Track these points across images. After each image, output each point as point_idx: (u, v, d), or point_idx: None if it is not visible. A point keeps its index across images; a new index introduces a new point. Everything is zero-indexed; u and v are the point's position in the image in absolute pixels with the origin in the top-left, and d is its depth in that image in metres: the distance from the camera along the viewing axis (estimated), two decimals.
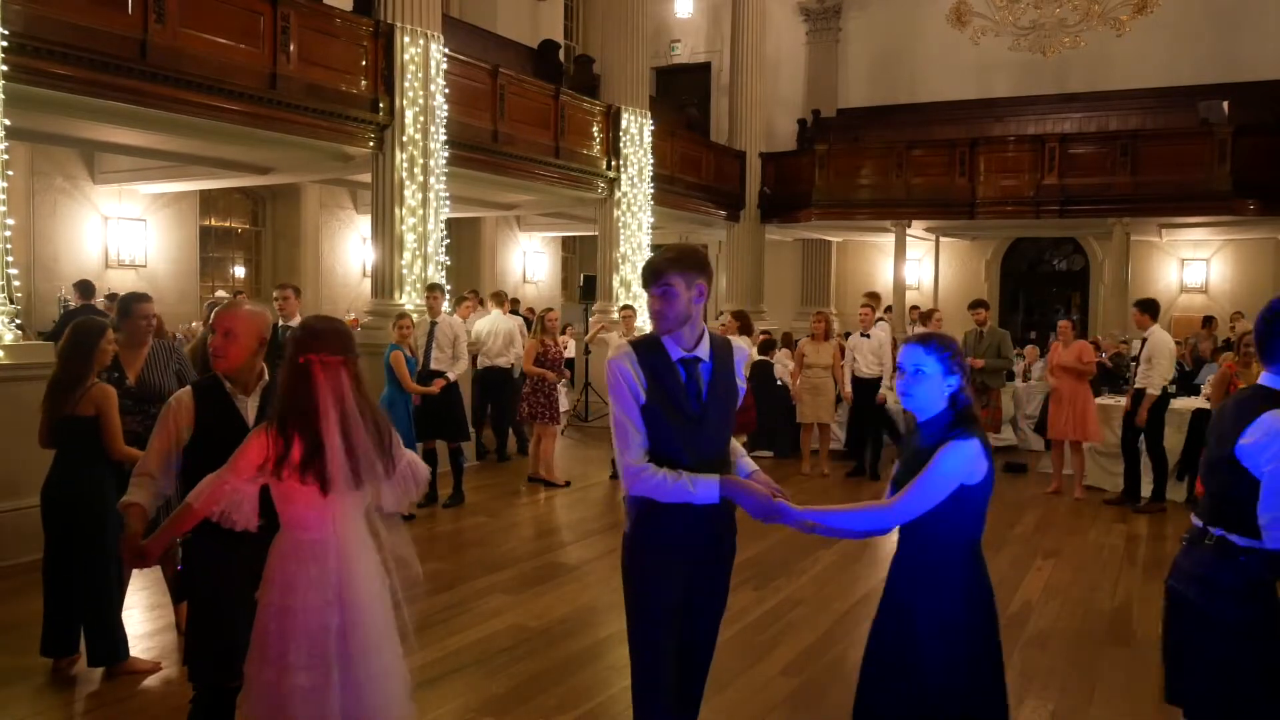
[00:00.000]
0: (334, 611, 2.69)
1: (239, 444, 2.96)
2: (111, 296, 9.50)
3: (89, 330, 4.36)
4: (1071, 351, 8.83)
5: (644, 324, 10.48)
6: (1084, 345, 9.10)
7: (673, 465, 2.69)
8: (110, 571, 4.42)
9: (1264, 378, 2.78)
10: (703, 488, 2.66)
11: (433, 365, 7.98)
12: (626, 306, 10.13)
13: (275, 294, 7.45)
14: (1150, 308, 8.30)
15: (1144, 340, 8.33)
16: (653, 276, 2.74)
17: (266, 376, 3.17)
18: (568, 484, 8.98)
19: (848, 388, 9.74)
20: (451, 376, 7.94)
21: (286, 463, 2.65)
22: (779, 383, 10.64)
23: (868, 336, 9.69)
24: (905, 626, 2.67)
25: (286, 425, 2.67)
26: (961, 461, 2.55)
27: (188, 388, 3.15)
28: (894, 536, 2.76)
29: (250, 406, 3.10)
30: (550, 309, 9.64)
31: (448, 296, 9.99)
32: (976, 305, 9.91)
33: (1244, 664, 2.66)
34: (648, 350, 2.74)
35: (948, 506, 2.58)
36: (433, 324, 8.15)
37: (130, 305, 4.79)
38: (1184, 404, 8.92)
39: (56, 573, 4.39)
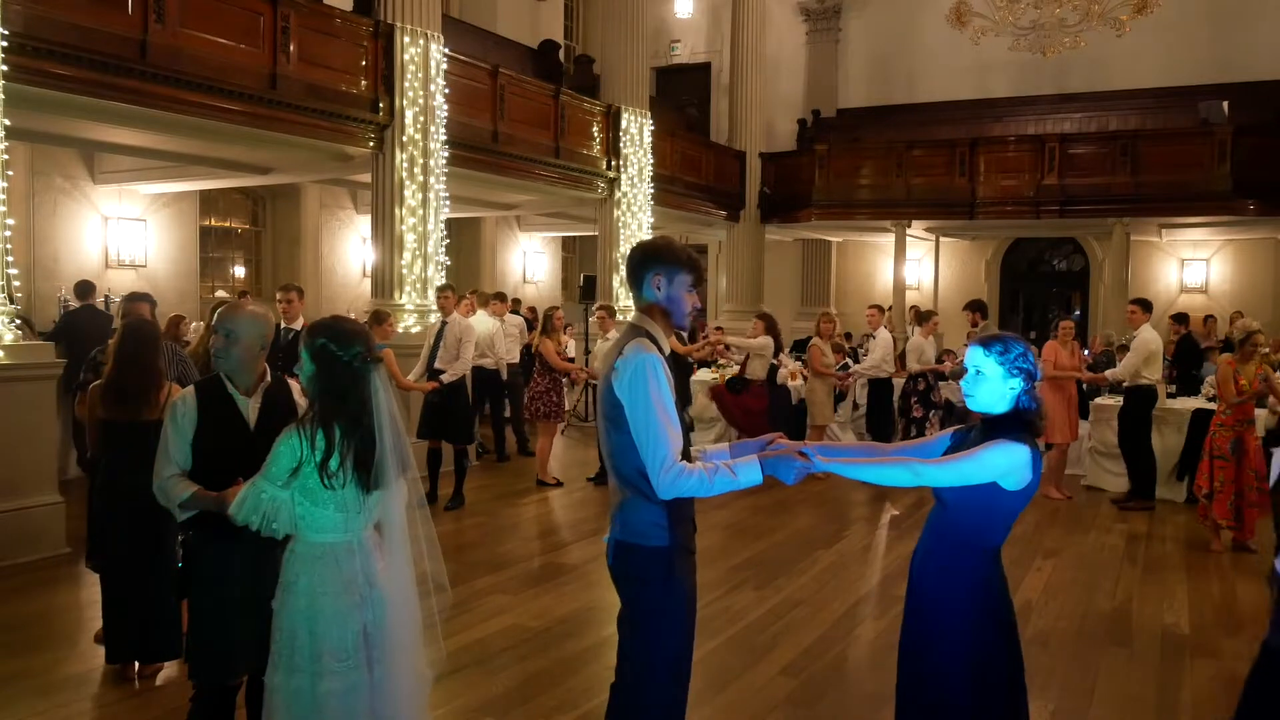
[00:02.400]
0: (363, 611, 2.68)
1: (240, 445, 2.96)
2: (87, 287, 9.45)
3: (151, 336, 4.31)
4: (1076, 354, 8.83)
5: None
6: (1078, 349, 9.10)
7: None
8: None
9: None
10: (745, 472, 2.50)
11: (438, 364, 7.95)
12: (603, 307, 10.00)
13: (279, 296, 7.40)
14: (1148, 306, 8.60)
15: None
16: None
17: (269, 378, 3.16)
18: (556, 484, 8.99)
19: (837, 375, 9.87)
20: (445, 378, 7.87)
21: (331, 463, 2.62)
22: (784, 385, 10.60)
23: (873, 338, 9.84)
24: (924, 624, 2.66)
25: (329, 425, 2.64)
26: (1005, 461, 2.52)
27: (190, 387, 3.13)
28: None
29: (252, 408, 3.08)
30: (556, 308, 9.60)
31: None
32: (968, 306, 9.90)
33: None
34: (659, 349, 2.65)
35: (979, 505, 2.55)
36: (442, 324, 8.11)
37: (126, 306, 4.81)
38: (1184, 404, 8.93)
39: (138, 575, 4.28)
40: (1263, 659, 2.85)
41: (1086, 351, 10.92)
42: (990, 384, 2.64)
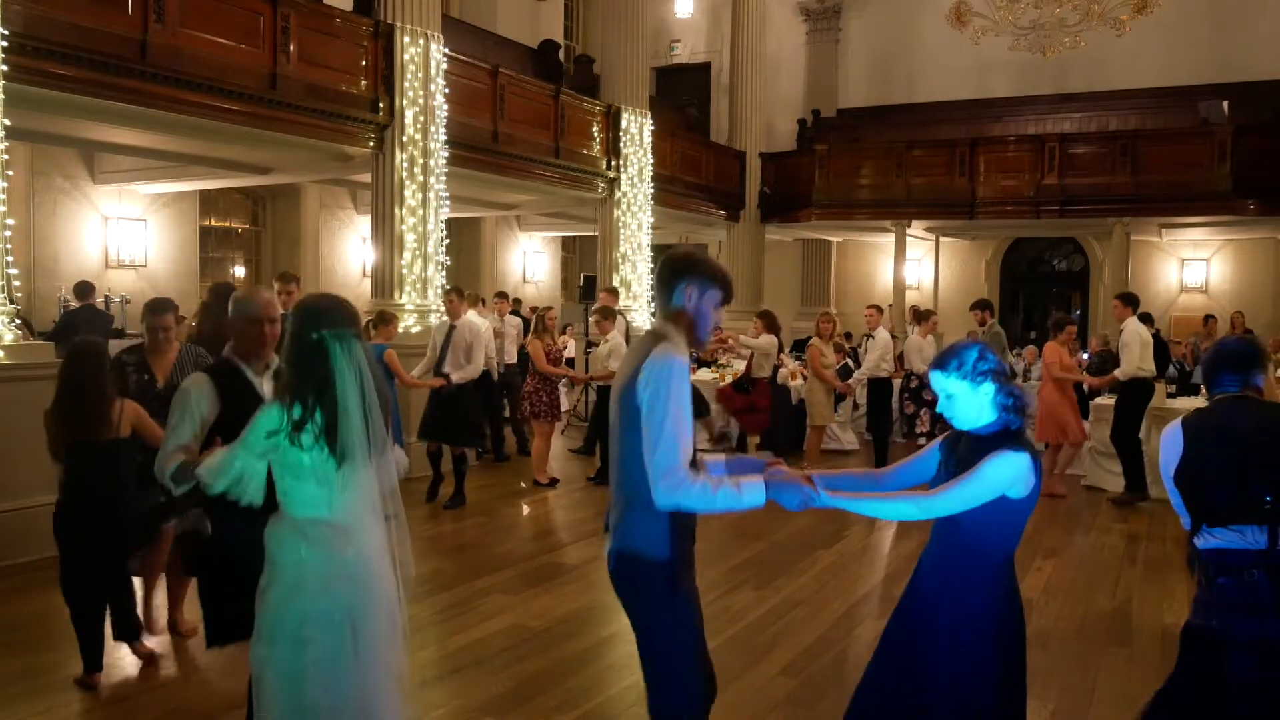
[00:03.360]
0: (346, 586, 2.70)
1: None
2: (86, 288, 9.46)
3: (87, 354, 4.34)
4: (1074, 356, 8.86)
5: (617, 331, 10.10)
6: (1076, 349, 9.14)
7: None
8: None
9: None
10: (750, 491, 2.47)
11: (447, 368, 7.94)
12: (599, 309, 9.95)
13: (278, 288, 7.44)
14: (1131, 300, 8.63)
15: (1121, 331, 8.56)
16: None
17: (274, 362, 3.29)
18: (553, 483, 8.98)
19: (839, 382, 9.88)
20: (454, 379, 7.85)
21: (303, 433, 2.64)
22: (784, 385, 10.62)
23: (872, 338, 9.83)
24: (926, 632, 2.63)
25: (303, 397, 2.67)
26: (1008, 473, 2.51)
27: (201, 374, 3.23)
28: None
29: (266, 386, 3.23)
30: (549, 307, 9.60)
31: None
32: (975, 306, 10.03)
33: None
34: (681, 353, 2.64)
35: (989, 517, 2.53)
36: (450, 327, 8.09)
37: (146, 315, 4.82)
38: (1184, 404, 8.93)
39: (92, 589, 4.33)
40: (1184, 639, 2.92)
41: (1086, 355, 10.94)
42: (963, 400, 2.62)
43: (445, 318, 8.35)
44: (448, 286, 8.94)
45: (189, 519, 4.07)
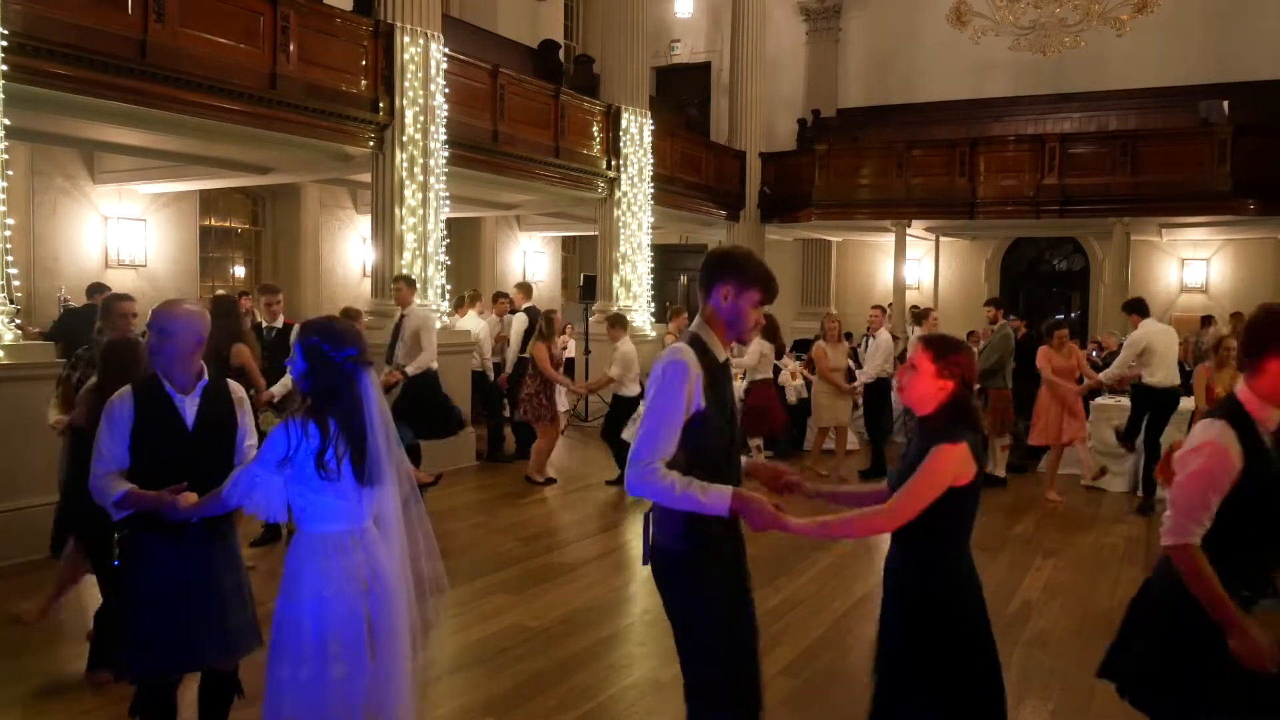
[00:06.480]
0: (367, 601, 2.73)
1: (178, 445, 3.03)
2: (98, 288, 9.44)
3: (134, 346, 4.16)
4: (1075, 355, 8.86)
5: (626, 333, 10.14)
6: (1076, 349, 9.15)
7: (719, 476, 2.60)
8: None
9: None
10: (714, 498, 2.51)
11: (399, 359, 7.85)
12: (610, 317, 9.59)
13: (265, 300, 7.37)
14: (1133, 307, 8.58)
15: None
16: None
17: (206, 377, 3.18)
18: (544, 482, 8.96)
19: (847, 384, 9.80)
20: (409, 371, 7.71)
21: (325, 456, 2.68)
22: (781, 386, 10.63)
23: (873, 339, 9.87)
24: (900, 629, 2.71)
25: (328, 419, 2.71)
26: (950, 465, 2.57)
27: (128, 387, 3.14)
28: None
29: (190, 406, 3.11)
30: (554, 311, 9.57)
31: (446, 296, 9.96)
32: (989, 303, 10.10)
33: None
34: (703, 353, 2.65)
35: (938, 509, 2.59)
36: (401, 316, 8.05)
37: (110, 304, 4.78)
38: (1185, 404, 8.93)
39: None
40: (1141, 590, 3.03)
41: (1095, 353, 10.94)
42: (922, 379, 2.69)
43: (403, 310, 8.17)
44: (399, 275, 8.70)
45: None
